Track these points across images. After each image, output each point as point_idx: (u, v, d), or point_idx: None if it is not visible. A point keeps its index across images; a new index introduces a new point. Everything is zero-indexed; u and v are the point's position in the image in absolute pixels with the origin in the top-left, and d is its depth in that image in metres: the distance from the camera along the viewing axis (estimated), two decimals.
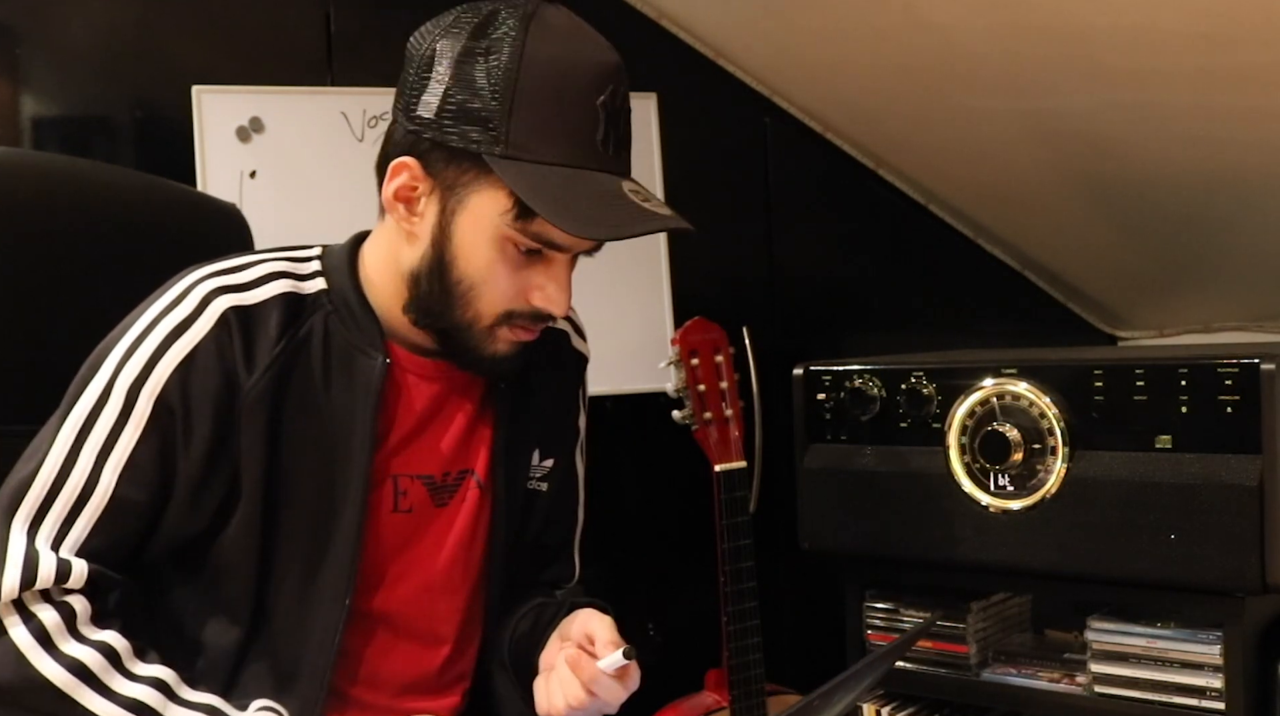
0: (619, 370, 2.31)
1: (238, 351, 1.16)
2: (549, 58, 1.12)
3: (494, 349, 1.21)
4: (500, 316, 1.19)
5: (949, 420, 1.86)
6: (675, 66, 2.41)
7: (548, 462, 1.38)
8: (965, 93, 2.19)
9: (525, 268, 1.18)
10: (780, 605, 2.41)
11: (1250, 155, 2.08)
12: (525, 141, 1.12)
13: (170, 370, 1.14)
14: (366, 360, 1.21)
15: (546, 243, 1.16)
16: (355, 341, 1.22)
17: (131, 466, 1.13)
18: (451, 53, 1.14)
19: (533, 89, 1.12)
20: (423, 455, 1.27)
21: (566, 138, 1.13)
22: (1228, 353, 1.69)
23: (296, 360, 1.19)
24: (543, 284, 1.19)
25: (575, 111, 1.13)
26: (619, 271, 2.33)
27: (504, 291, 1.18)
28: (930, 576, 1.95)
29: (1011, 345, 2.44)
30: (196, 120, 2.01)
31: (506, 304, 1.19)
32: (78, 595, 1.10)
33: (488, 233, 1.16)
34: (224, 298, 1.17)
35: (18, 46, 1.99)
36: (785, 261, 2.56)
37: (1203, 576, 1.65)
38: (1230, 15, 1.73)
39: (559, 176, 1.12)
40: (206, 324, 1.15)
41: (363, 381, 1.21)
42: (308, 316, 1.21)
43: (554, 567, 1.44)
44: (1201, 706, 1.71)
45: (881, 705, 2.02)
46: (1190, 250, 2.46)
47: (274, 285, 1.20)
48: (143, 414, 1.13)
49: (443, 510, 1.28)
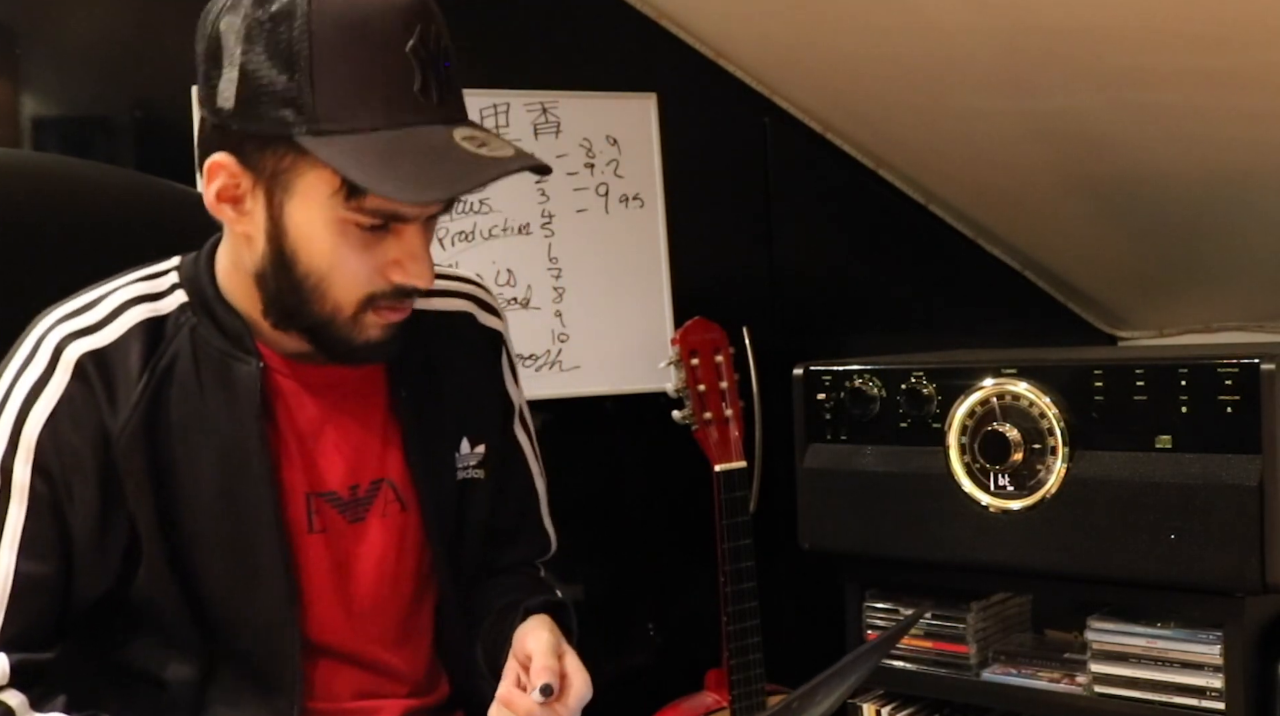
0: (619, 370, 2.32)
1: (100, 398, 1.10)
2: (338, 13, 1.02)
3: (365, 336, 1.12)
4: (362, 302, 1.10)
5: (949, 420, 1.86)
6: (675, 66, 2.41)
7: (480, 449, 1.30)
8: (965, 93, 2.19)
9: (375, 245, 1.08)
10: (780, 605, 2.40)
11: (1250, 155, 2.08)
12: (334, 112, 1.01)
13: (36, 434, 1.09)
14: (241, 366, 1.15)
15: (388, 215, 1.06)
16: (225, 349, 1.15)
17: (27, 542, 1.08)
18: (236, 30, 1.04)
19: (329, 52, 1.01)
20: (322, 470, 1.20)
21: (379, 97, 1.02)
22: (1228, 353, 1.69)
23: (165, 388, 1.13)
24: (398, 258, 1.09)
25: (382, 66, 1.02)
26: (619, 271, 2.33)
27: (357, 275, 1.09)
28: (930, 576, 1.95)
29: (1011, 345, 2.43)
30: (196, 120, 2.01)
31: (364, 288, 1.09)
32: (9, 690, 1.06)
33: (322, 218, 1.06)
34: (76, 344, 1.10)
35: (18, 46, 1.99)
36: (785, 261, 2.56)
37: (1203, 576, 1.65)
38: (1230, 15, 1.73)
39: (379, 142, 1.02)
40: (63, 377, 1.10)
41: (242, 390, 1.14)
42: (170, 338, 1.14)
43: (520, 546, 1.38)
44: (1201, 706, 1.71)
45: (881, 705, 2.02)
46: (1190, 250, 2.46)
47: (127, 316, 1.14)
48: (23, 485, 1.09)
49: (360, 526, 1.22)
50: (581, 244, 2.30)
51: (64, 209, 1.37)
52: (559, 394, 2.25)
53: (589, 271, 2.31)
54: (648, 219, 2.34)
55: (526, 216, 2.27)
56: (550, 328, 2.28)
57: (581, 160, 2.30)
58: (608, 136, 2.32)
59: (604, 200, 2.32)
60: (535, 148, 2.28)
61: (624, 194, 2.34)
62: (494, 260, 2.23)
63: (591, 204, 2.31)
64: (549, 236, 2.28)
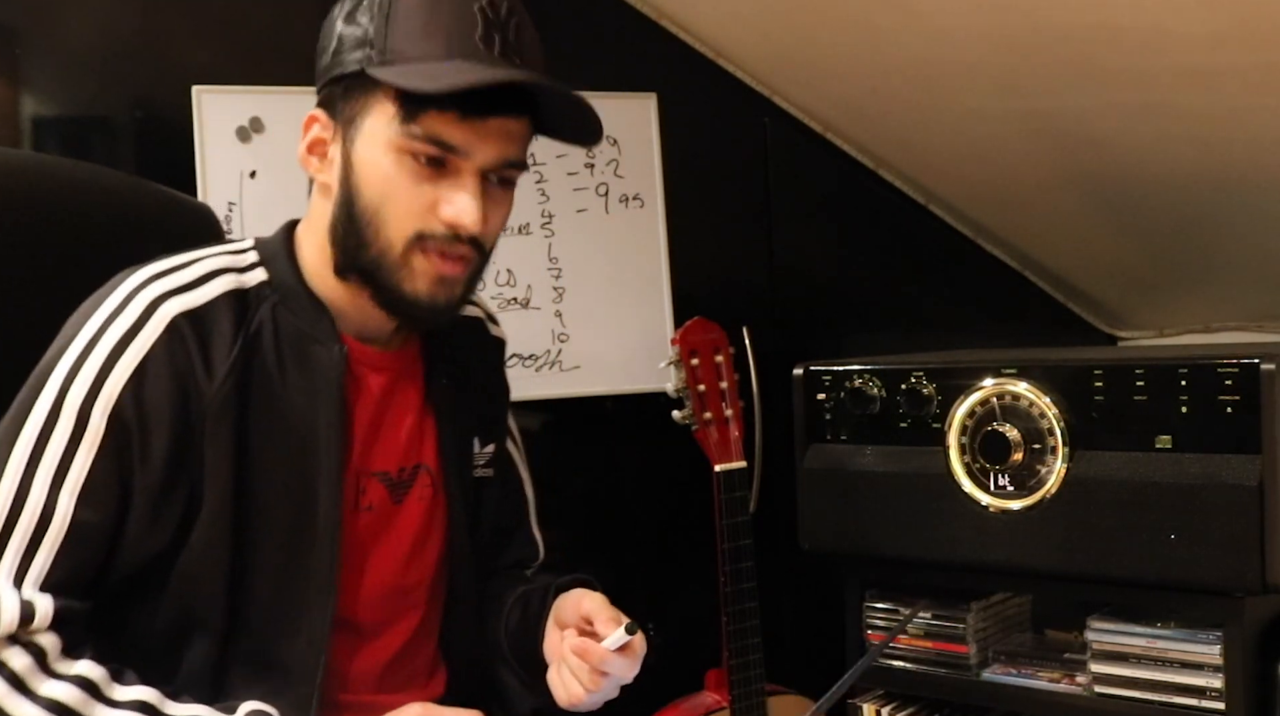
0: (619, 370, 2.32)
1: (195, 358, 1.11)
2: None
3: (413, 286, 1.16)
4: (411, 239, 1.14)
5: (949, 420, 1.86)
6: (675, 66, 2.41)
7: (489, 449, 1.36)
8: (965, 93, 2.19)
9: (429, 181, 1.14)
10: (780, 605, 2.41)
11: (1250, 155, 2.08)
12: (401, 46, 1.11)
13: (122, 383, 1.09)
14: (322, 350, 1.18)
15: (438, 142, 1.12)
16: (307, 330, 1.18)
17: (89, 488, 1.08)
18: (341, 11, 1.17)
19: (404, 3, 1.12)
20: (381, 450, 1.24)
21: (442, 36, 1.11)
22: (1228, 353, 1.69)
23: (253, 358, 1.15)
24: (449, 195, 1.14)
25: (449, 13, 1.12)
26: (619, 271, 2.33)
27: (408, 207, 1.13)
28: (930, 576, 1.95)
29: (1011, 345, 2.43)
30: (196, 120, 2.01)
31: (414, 223, 1.14)
32: (46, 632, 1.06)
33: (381, 147, 1.13)
34: (170, 302, 1.12)
35: (18, 46, 1.99)
36: (785, 261, 2.56)
37: (1203, 576, 1.65)
38: (1231, 15, 1.73)
39: (431, 66, 1.11)
40: (155, 331, 1.11)
41: (321, 373, 1.17)
42: (254, 309, 1.17)
43: (514, 549, 1.43)
44: (1201, 706, 1.71)
45: (881, 705, 2.01)
46: (1190, 250, 2.46)
47: (218, 282, 1.16)
48: (97, 431, 1.09)
49: (400, 507, 1.26)
50: (581, 244, 2.30)
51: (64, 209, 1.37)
52: (559, 394, 2.25)
53: (589, 271, 2.31)
54: (648, 219, 2.34)
55: (526, 216, 2.27)
56: (550, 328, 2.28)
57: (581, 160, 2.31)
58: (607, 136, 2.32)
59: (604, 200, 2.32)
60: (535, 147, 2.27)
61: (624, 194, 2.34)
62: (494, 260, 2.21)
63: (591, 204, 2.31)
64: (549, 236, 2.28)
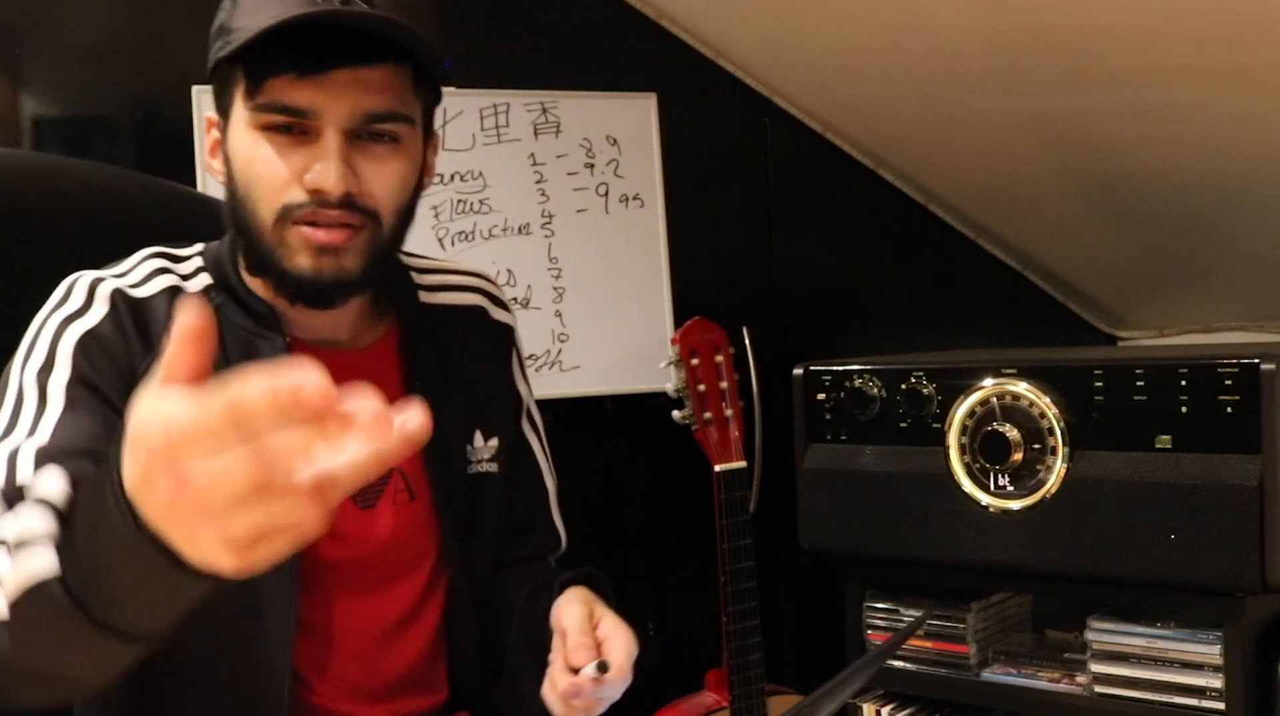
0: (619, 370, 2.32)
1: (130, 331, 1.13)
2: None
3: (293, 262, 1.13)
4: (279, 212, 1.12)
5: (949, 420, 1.86)
6: (675, 66, 2.41)
7: (493, 443, 1.32)
8: (965, 93, 2.19)
9: (291, 152, 1.11)
10: (780, 605, 2.41)
11: (1251, 155, 2.08)
12: (244, 24, 1.08)
13: (71, 351, 1.11)
14: (267, 344, 1.17)
15: (282, 108, 1.09)
16: (251, 328, 1.18)
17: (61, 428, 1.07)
18: None
19: None
20: None
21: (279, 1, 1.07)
22: (1228, 353, 1.69)
23: None
24: (308, 163, 1.11)
25: None
26: (619, 271, 2.33)
27: (270, 183, 1.11)
28: (930, 576, 1.95)
29: (1011, 345, 2.44)
30: (197, 120, 2.01)
31: (279, 196, 1.12)
32: None
33: (242, 129, 1.12)
34: (110, 283, 1.15)
35: (18, 46, 1.99)
36: (785, 261, 2.56)
37: (1203, 576, 1.65)
38: (1231, 15, 1.73)
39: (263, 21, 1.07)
40: (100, 308, 1.13)
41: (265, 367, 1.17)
42: None
43: (534, 540, 1.39)
44: (1201, 706, 1.71)
45: (881, 705, 2.02)
46: (1190, 250, 2.46)
47: (159, 280, 1.18)
48: (58, 393, 1.09)
49: (371, 512, 1.23)
50: (581, 244, 2.30)
51: (64, 209, 1.37)
52: (559, 394, 2.25)
53: (589, 271, 2.31)
54: (648, 219, 2.34)
55: (526, 216, 2.27)
56: (550, 328, 2.28)
57: (581, 160, 2.30)
58: (608, 136, 2.32)
59: (604, 200, 2.32)
60: (535, 147, 2.28)
61: (624, 194, 2.34)
62: (494, 260, 2.23)
63: (591, 204, 2.31)
64: (549, 236, 2.28)
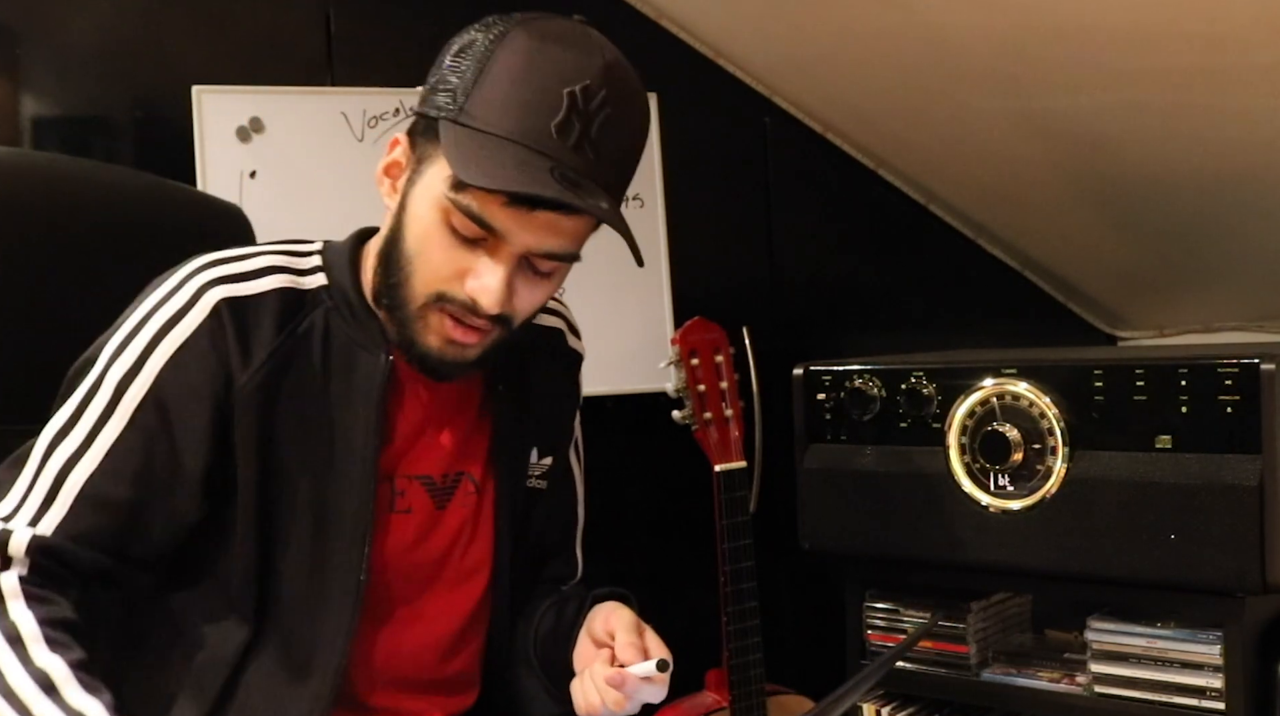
0: (619, 370, 2.31)
1: (231, 343, 1.14)
2: (530, 43, 1.11)
3: (426, 340, 1.17)
4: (432, 297, 1.15)
5: (949, 420, 1.86)
6: (675, 66, 2.41)
7: (546, 461, 1.37)
8: (965, 93, 2.19)
9: (466, 249, 1.14)
10: (780, 605, 2.40)
11: (1250, 155, 2.08)
12: (480, 112, 1.10)
13: (161, 365, 1.13)
14: (369, 357, 1.20)
15: (479, 219, 1.11)
16: (357, 338, 1.21)
17: (112, 460, 1.12)
18: (459, 43, 1.15)
19: (504, 66, 1.10)
20: (423, 456, 1.26)
21: (518, 113, 1.09)
22: (1228, 353, 1.69)
23: (295, 355, 1.18)
24: (479, 269, 1.13)
25: (536, 90, 1.09)
26: (619, 271, 2.32)
27: (437, 268, 1.14)
28: (930, 576, 1.95)
29: (1011, 345, 2.43)
30: (196, 120, 2.01)
31: (439, 283, 1.14)
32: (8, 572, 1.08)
33: (431, 200, 1.13)
34: (219, 288, 1.16)
35: (18, 46, 1.99)
36: (785, 261, 2.56)
37: (1203, 576, 1.65)
38: (1231, 15, 1.73)
39: (490, 143, 1.09)
40: (199, 316, 1.14)
41: (364, 379, 1.20)
42: (308, 311, 1.20)
43: (555, 565, 1.43)
44: (1201, 706, 1.71)
45: (881, 705, 2.02)
46: (1190, 250, 2.46)
47: (273, 278, 1.19)
48: (128, 409, 1.12)
49: (443, 513, 1.28)
50: None
51: (64, 208, 1.37)
52: None
53: (589, 271, 2.29)
54: (648, 219, 2.34)
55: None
56: None
57: None
58: None
59: None
60: None
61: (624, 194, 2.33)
62: None
63: None
64: None
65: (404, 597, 1.26)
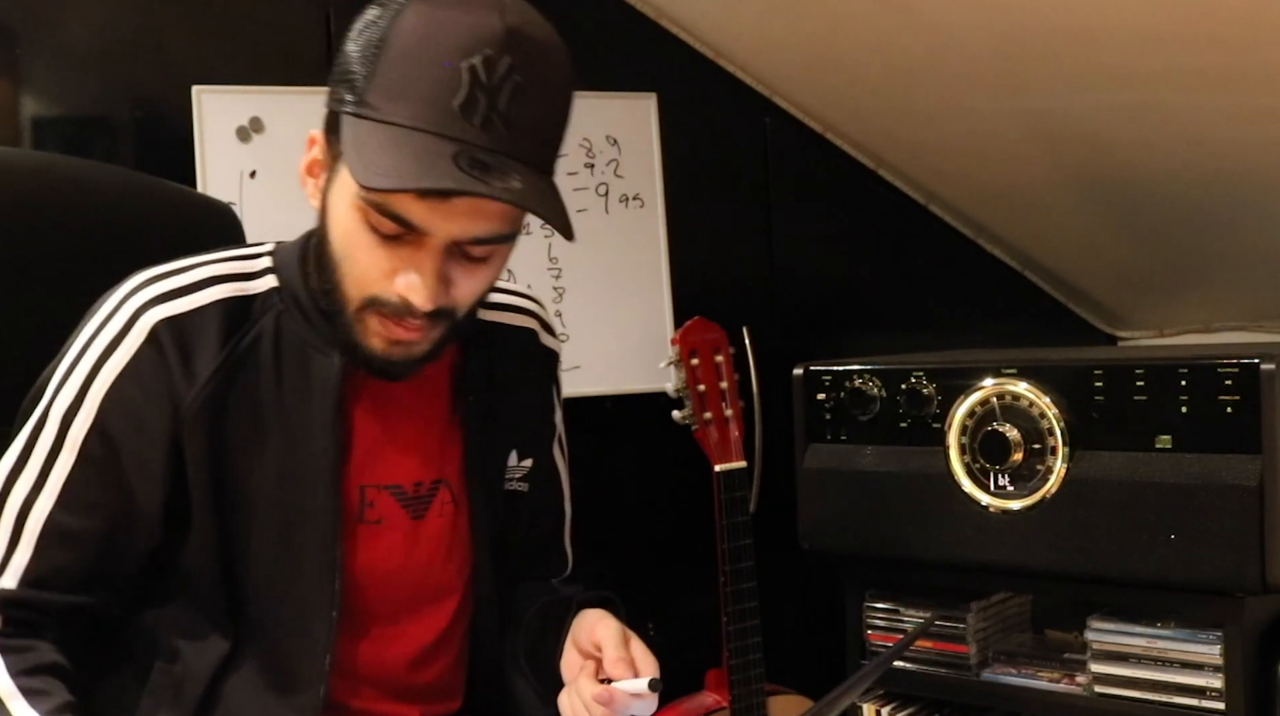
0: (619, 370, 2.32)
1: (174, 365, 1.11)
2: (424, 16, 1.04)
3: (367, 342, 1.12)
4: (365, 300, 1.10)
5: (949, 420, 1.86)
6: (675, 66, 2.41)
7: (526, 463, 1.34)
8: (965, 93, 2.19)
9: (390, 247, 1.08)
10: (780, 605, 2.40)
11: (1251, 155, 2.08)
12: (379, 101, 1.04)
13: (101, 396, 1.11)
14: (322, 358, 1.16)
15: (395, 217, 1.05)
16: (309, 340, 1.17)
17: (68, 494, 1.10)
18: (358, 25, 1.08)
19: (398, 48, 1.03)
20: (391, 464, 1.22)
21: (418, 98, 1.02)
22: (1228, 353, 1.69)
23: (243, 366, 1.14)
24: (405, 268, 1.07)
25: (433, 71, 1.02)
26: (619, 271, 2.33)
27: (365, 270, 1.09)
28: (930, 576, 1.95)
29: (1011, 345, 2.43)
30: (196, 120, 2.01)
31: (369, 286, 1.09)
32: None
33: (348, 200, 1.08)
34: (155, 309, 1.12)
35: (18, 46, 1.99)
36: (785, 261, 2.56)
37: (1203, 576, 1.65)
38: (1230, 15, 1.73)
39: (393, 134, 1.02)
40: (136, 341, 1.11)
41: (319, 380, 1.16)
42: (256, 318, 1.16)
43: (545, 562, 1.42)
44: (1201, 706, 1.71)
45: (881, 705, 2.02)
46: (1190, 250, 2.46)
47: (213, 290, 1.15)
48: (76, 441, 1.11)
49: (421, 523, 1.24)
50: (581, 244, 2.29)
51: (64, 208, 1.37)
52: None
53: (589, 271, 2.31)
54: (648, 219, 2.34)
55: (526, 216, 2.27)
56: None
57: (581, 160, 2.30)
58: (608, 136, 2.32)
59: (604, 200, 2.32)
60: None
61: (624, 194, 2.34)
62: None
63: (591, 204, 2.31)
64: (549, 236, 2.28)
65: (384, 608, 1.24)
